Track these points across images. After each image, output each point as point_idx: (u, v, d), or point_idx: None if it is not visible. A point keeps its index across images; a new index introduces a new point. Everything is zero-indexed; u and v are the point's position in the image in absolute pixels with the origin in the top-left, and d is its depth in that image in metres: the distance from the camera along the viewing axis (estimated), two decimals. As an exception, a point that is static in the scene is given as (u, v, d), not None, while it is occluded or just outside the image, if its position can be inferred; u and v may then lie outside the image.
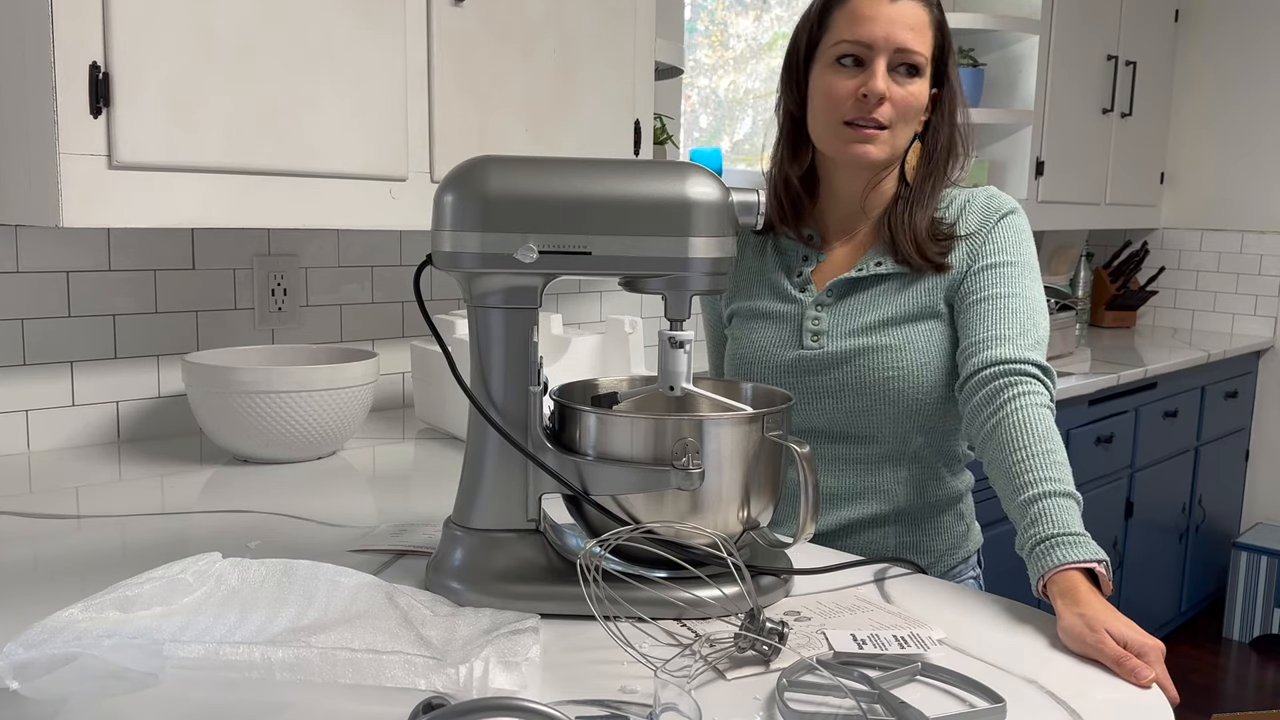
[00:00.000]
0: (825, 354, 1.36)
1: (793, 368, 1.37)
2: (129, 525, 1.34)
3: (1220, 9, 3.92)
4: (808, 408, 1.37)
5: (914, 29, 1.31)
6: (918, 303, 1.35)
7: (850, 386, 1.35)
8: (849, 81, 1.31)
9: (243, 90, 1.49)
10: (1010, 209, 1.38)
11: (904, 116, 1.33)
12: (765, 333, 1.41)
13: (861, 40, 1.30)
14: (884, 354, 1.33)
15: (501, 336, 1.04)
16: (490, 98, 1.79)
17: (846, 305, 1.37)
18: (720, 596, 1.03)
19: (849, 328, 1.36)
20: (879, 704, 0.86)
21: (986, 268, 1.33)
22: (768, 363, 1.39)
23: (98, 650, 0.82)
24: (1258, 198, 3.91)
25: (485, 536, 1.06)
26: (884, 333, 1.34)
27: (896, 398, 1.33)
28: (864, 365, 1.34)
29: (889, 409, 1.34)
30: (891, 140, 1.33)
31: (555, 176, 1.02)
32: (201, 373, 1.61)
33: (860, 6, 1.31)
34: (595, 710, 0.84)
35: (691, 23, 2.86)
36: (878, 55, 1.30)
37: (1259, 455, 3.95)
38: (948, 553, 1.42)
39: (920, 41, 1.31)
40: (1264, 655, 3.60)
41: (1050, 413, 1.21)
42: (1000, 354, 1.24)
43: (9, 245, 1.66)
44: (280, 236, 1.96)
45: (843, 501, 1.38)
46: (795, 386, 1.36)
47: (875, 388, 1.33)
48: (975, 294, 1.32)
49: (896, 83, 1.31)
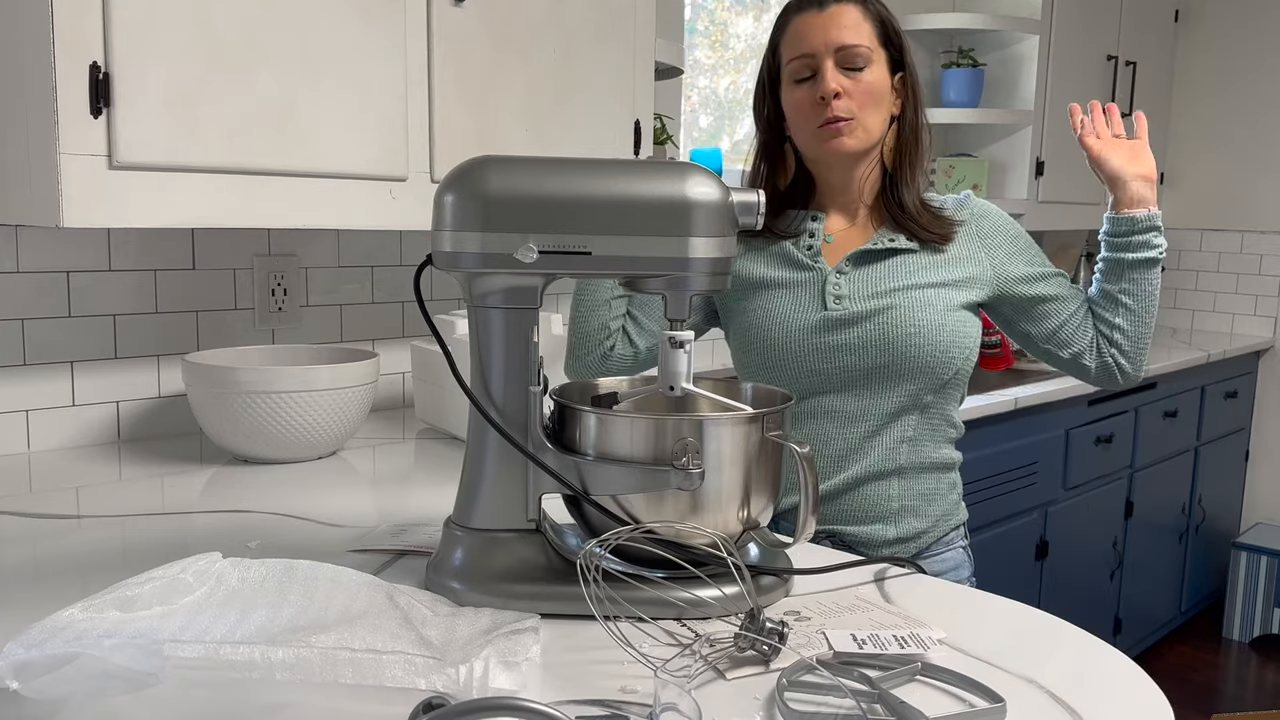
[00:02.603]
0: (849, 313, 1.42)
1: (818, 326, 1.43)
2: (129, 525, 1.34)
3: (1220, 9, 3.92)
4: (826, 364, 1.43)
5: (848, 26, 1.41)
6: (934, 274, 1.44)
7: (872, 342, 1.41)
8: (808, 92, 1.42)
9: (243, 90, 1.49)
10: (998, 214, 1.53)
11: (866, 104, 1.41)
12: (782, 300, 1.46)
13: (805, 53, 1.42)
14: (905, 313, 1.41)
15: (501, 336, 1.04)
16: (490, 98, 1.79)
17: (865, 273, 1.45)
18: (720, 596, 1.03)
19: (870, 291, 1.43)
20: (879, 704, 0.86)
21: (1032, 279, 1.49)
22: (790, 326, 1.44)
23: (98, 650, 0.82)
24: (1258, 198, 3.92)
25: (485, 536, 1.06)
26: (904, 295, 1.42)
27: (916, 354, 1.41)
28: (887, 321, 1.41)
29: (905, 365, 1.41)
30: (862, 127, 1.42)
31: (555, 176, 1.02)
32: (201, 373, 1.61)
33: (797, 27, 1.43)
34: (595, 710, 0.84)
35: (691, 23, 2.86)
36: (822, 60, 1.41)
37: (1259, 455, 3.95)
38: (943, 518, 1.49)
39: (858, 34, 1.41)
40: (1264, 655, 3.60)
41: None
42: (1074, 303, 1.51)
43: (9, 245, 1.66)
44: (280, 236, 1.96)
45: (849, 459, 1.44)
46: (816, 345, 1.43)
47: (897, 343, 1.41)
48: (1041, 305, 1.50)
49: (848, 77, 1.41)
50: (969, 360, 1.46)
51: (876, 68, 1.42)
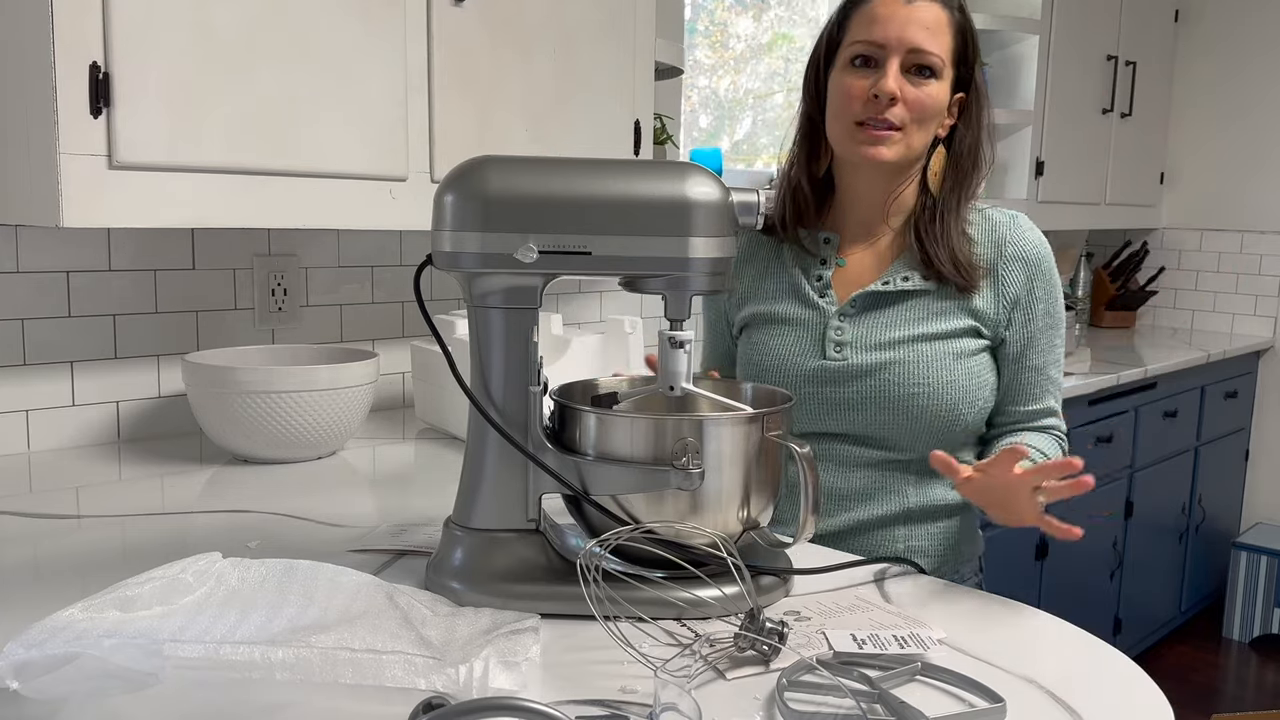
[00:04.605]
0: (849, 366, 1.35)
1: (815, 377, 1.36)
2: (129, 525, 1.34)
3: (1220, 9, 3.92)
4: (826, 416, 1.36)
5: (929, 29, 1.30)
6: (945, 322, 1.35)
7: (872, 400, 1.34)
8: (861, 81, 1.31)
9: (243, 90, 1.49)
10: (1047, 258, 1.40)
11: (919, 118, 1.31)
12: (785, 340, 1.39)
13: (874, 40, 1.30)
14: (909, 368, 1.33)
15: (501, 336, 1.04)
16: (490, 98, 1.79)
17: (871, 318, 1.36)
18: (720, 596, 1.03)
19: (874, 341, 1.35)
20: (879, 704, 0.86)
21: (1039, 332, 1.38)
22: (787, 371, 1.38)
23: (98, 650, 0.82)
24: (1258, 198, 3.91)
25: (485, 536, 1.06)
26: (910, 348, 1.34)
27: (919, 413, 1.33)
28: (888, 379, 1.33)
29: (910, 423, 1.34)
30: (905, 141, 1.32)
31: (555, 176, 1.02)
32: (202, 373, 1.61)
33: (876, 7, 1.31)
34: (595, 710, 0.84)
35: (691, 23, 2.86)
36: (890, 55, 1.29)
37: (1259, 455, 3.95)
38: (951, 556, 1.42)
39: (936, 42, 1.30)
40: (1264, 655, 3.60)
41: (1063, 451, 1.39)
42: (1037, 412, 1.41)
43: (9, 245, 1.66)
44: (280, 236, 1.96)
45: (854, 502, 1.38)
46: (815, 396, 1.36)
47: (898, 402, 1.33)
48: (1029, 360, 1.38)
49: (911, 83, 1.30)
50: (981, 413, 1.38)
51: (940, 83, 1.32)
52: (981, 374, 1.36)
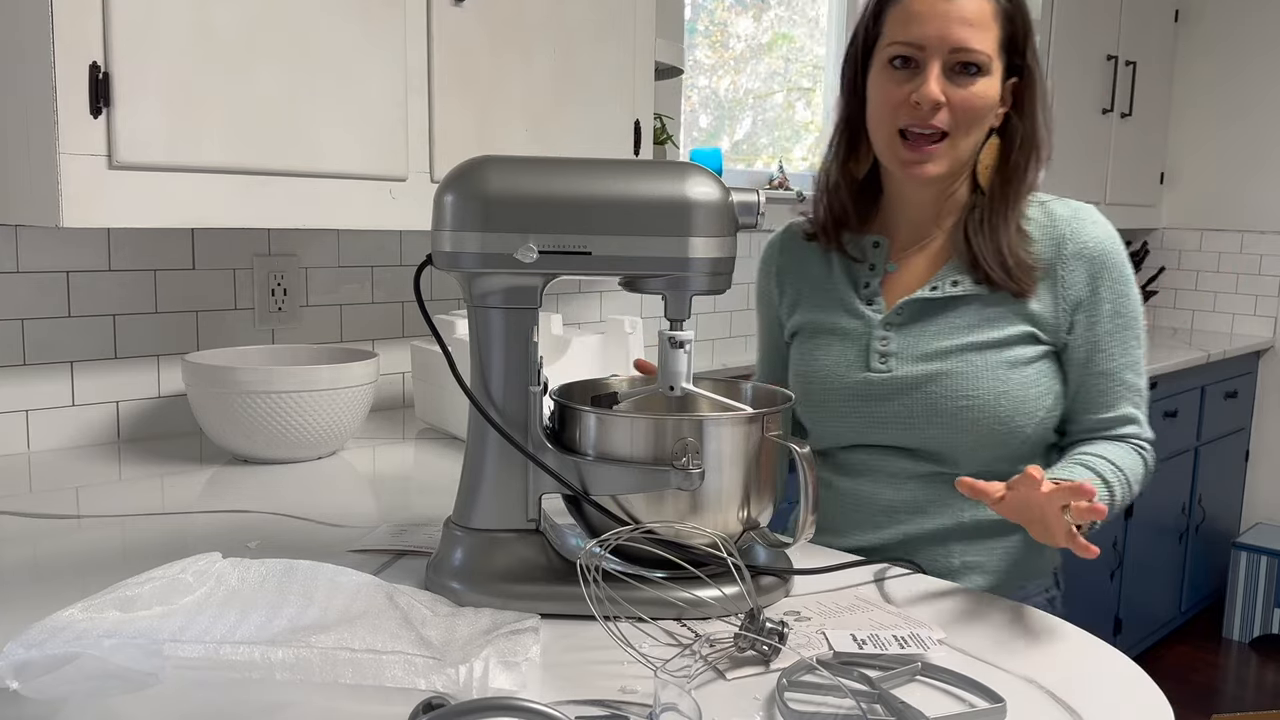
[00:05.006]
0: (893, 378, 1.28)
1: (859, 391, 1.29)
2: (129, 525, 1.34)
3: (1220, 9, 3.92)
4: (873, 430, 1.30)
5: (973, 24, 1.19)
6: (998, 329, 1.26)
7: (920, 414, 1.26)
8: (901, 87, 1.22)
9: (243, 90, 1.49)
10: (1113, 253, 1.29)
11: (966, 121, 1.23)
12: (830, 351, 1.32)
13: (913, 41, 1.21)
14: (958, 380, 1.24)
15: (501, 336, 1.04)
16: (490, 98, 1.79)
17: (919, 327, 1.28)
18: (720, 596, 1.03)
19: (920, 351, 1.27)
20: (879, 704, 0.86)
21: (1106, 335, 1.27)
22: (831, 384, 1.31)
23: (98, 650, 0.82)
24: (1258, 198, 3.91)
25: (485, 536, 1.06)
26: (959, 358, 1.25)
27: (970, 426, 1.25)
28: (935, 392, 1.25)
29: (961, 437, 1.26)
30: (952, 151, 1.24)
31: (555, 176, 1.02)
32: (201, 373, 1.61)
33: (912, 3, 1.22)
34: (595, 710, 0.84)
35: (691, 23, 2.86)
36: (931, 57, 1.21)
37: (1259, 455, 3.95)
38: (1015, 572, 1.32)
39: (982, 38, 1.20)
40: (1264, 655, 3.60)
41: (1144, 460, 1.28)
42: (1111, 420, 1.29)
43: (9, 245, 1.66)
44: (280, 236, 1.96)
45: (904, 514, 1.31)
46: (860, 411, 1.29)
47: (948, 416, 1.25)
48: (1097, 365, 1.27)
49: (956, 84, 1.21)
50: (1044, 424, 1.27)
51: (988, 79, 1.21)
52: (1040, 382, 1.26)
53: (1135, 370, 1.29)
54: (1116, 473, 1.22)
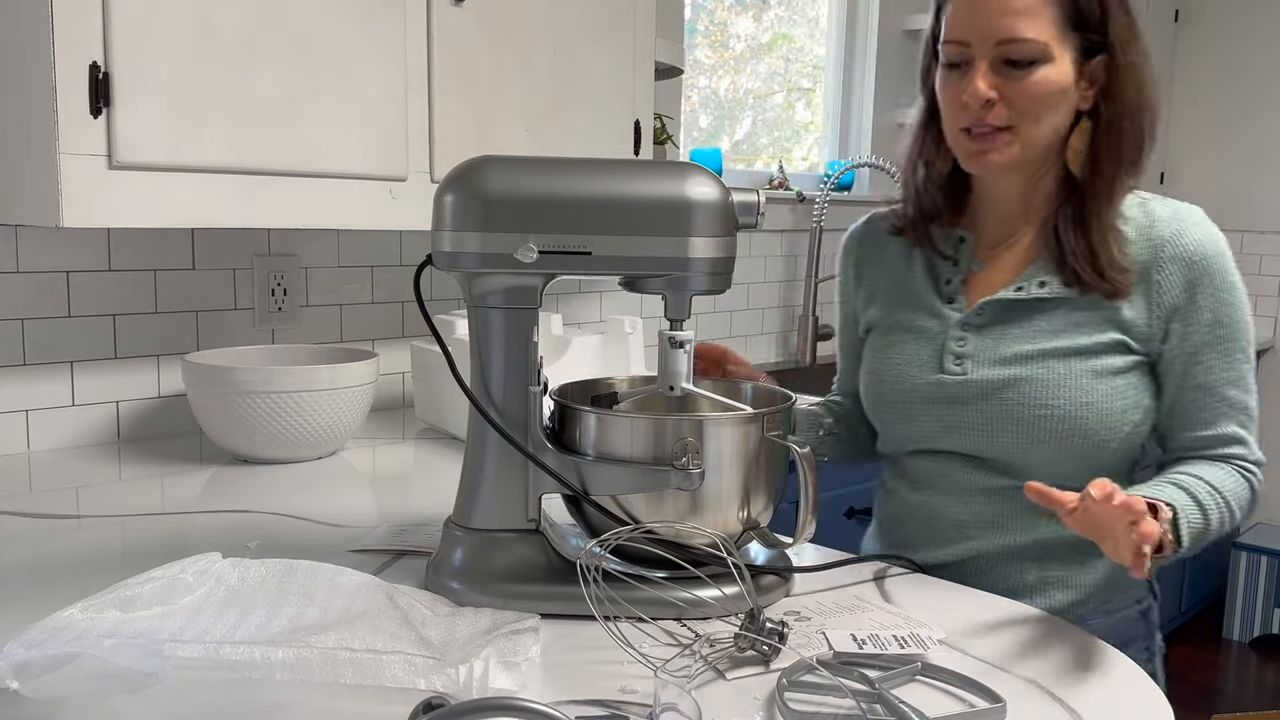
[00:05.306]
0: (968, 381, 1.20)
1: (930, 394, 1.23)
2: (129, 525, 1.34)
3: (1220, 9, 3.92)
4: (943, 435, 1.23)
5: (1021, 12, 1.12)
6: (1085, 335, 1.18)
7: (994, 422, 1.19)
8: (956, 86, 1.17)
9: (243, 90, 1.49)
10: (1216, 258, 1.20)
11: (1031, 110, 1.15)
12: (904, 350, 1.26)
13: (959, 39, 1.16)
14: (1036, 387, 1.17)
15: (501, 336, 1.04)
16: (490, 98, 1.79)
17: (999, 329, 1.21)
18: (720, 596, 1.03)
19: (998, 355, 1.20)
20: (879, 704, 0.86)
21: (1205, 346, 1.18)
22: (901, 384, 1.25)
23: (98, 650, 0.82)
24: (1258, 198, 3.91)
25: (485, 536, 1.06)
26: (1040, 364, 1.17)
27: (1047, 437, 1.17)
28: (1011, 399, 1.17)
29: (1038, 449, 1.18)
30: (1020, 140, 1.16)
31: (555, 176, 1.02)
32: (201, 373, 1.61)
33: None
34: (595, 710, 0.84)
35: (691, 23, 2.86)
36: (977, 54, 1.15)
37: (1259, 455, 3.95)
38: (1105, 586, 1.23)
39: (1032, 25, 1.12)
40: (1264, 655, 3.60)
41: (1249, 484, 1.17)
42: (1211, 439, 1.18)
43: (9, 245, 1.66)
44: (280, 236, 1.96)
45: (974, 530, 1.23)
46: (932, 415, 1.23)
47: (1024, 425, 1.17)
48: (1194, 379, 1.18)
49: (1009, 78, 1.14)
50: (1132, 439, 1.19)
51: (1053, 65, 1.14)
52: (1129, 394, 1.18)
53: (1240, 386, 1.19)
54: (1213, 495, 1.12)
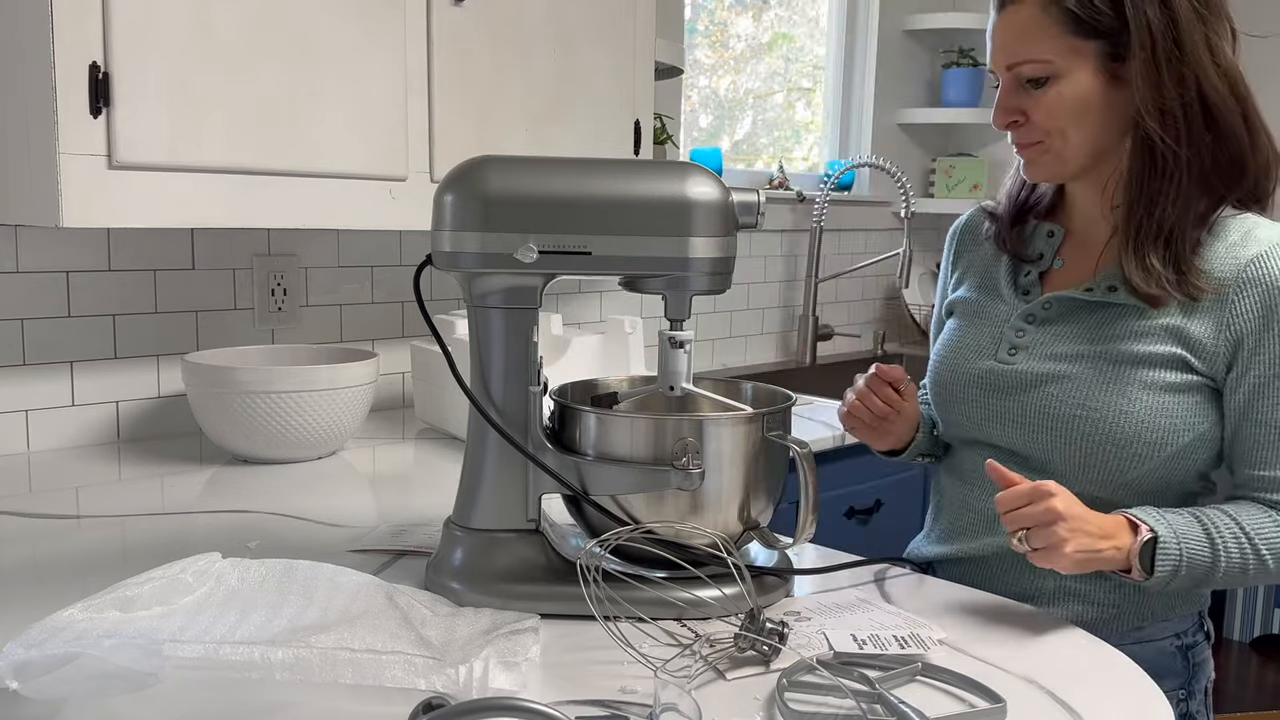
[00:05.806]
0: (1015, 372, 1.19)
1: (980, 380, 1.23)
2: (129, 525, 1.34)
3: (1220, 9, 3.92)
4: (987, 423, 1.22)
5: (1020, 36, 1.14)
6: (1144, 344, 1.13)
7: (1033, 416, 1.17)
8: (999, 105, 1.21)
9: (243, 90, 1.49)
10: None
11: (1051, 128, 1.16)
12: (967, 334, 1.27)
13: (989, 65, 1.21)
14: (1079, 386, 1.14)
15: (501, 336, 1.04)
16: (490, 98, 1.79)
17: (1060, 326, 1.19)
18: (720, 596, 1.03)
19: (1050, 350, 1.18)
20: (879, 704, 0.86)
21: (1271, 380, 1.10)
22: (956, 368, 1.26)
23: (98, 650, 0.82)
24: (1258, 198, 3.91)
25: (485, 536, 1.06)
26: (1086, 365, 1.15)
27: (1081, 440, 1.14)
28: (1053, 395, 1.15)
29: (1071, 451, 1.15)
30: (1059, 148, 1.17)
31: (555, 176, 1.02)
32: (201, 373, 1.61)
33: (988, 27, 1.20)
34: (595, 710, 0.84)
35: (691, 23, 2.86)
36: (1000, 78, 1.19)
37: (1259, 455, 3.95)
38: (1133, 610, 1.18)
39: (1037, 46, 1.13)
40: (1264, 655, 3.60)
41: None
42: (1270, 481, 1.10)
43: (9, 245, 1.66)
44: (280, 236, 1.96)
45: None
46: (979, 401, 1.23)
47: (1059, 424, 1.15)
48: (1257, 413, 1.11)
49: (1029, 96, 1.16)
50: (1175, 462, 1.13)
51: (1067, 80, 1.13)
52: (1179, 414, 1.12)
53: None
54: (1239, 538, 1.06)
